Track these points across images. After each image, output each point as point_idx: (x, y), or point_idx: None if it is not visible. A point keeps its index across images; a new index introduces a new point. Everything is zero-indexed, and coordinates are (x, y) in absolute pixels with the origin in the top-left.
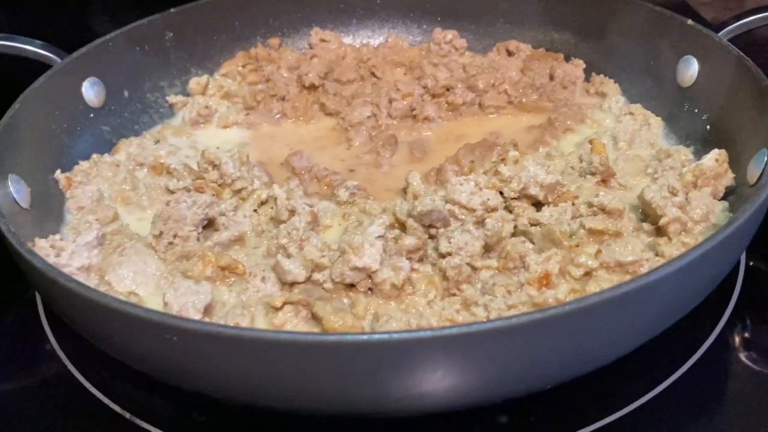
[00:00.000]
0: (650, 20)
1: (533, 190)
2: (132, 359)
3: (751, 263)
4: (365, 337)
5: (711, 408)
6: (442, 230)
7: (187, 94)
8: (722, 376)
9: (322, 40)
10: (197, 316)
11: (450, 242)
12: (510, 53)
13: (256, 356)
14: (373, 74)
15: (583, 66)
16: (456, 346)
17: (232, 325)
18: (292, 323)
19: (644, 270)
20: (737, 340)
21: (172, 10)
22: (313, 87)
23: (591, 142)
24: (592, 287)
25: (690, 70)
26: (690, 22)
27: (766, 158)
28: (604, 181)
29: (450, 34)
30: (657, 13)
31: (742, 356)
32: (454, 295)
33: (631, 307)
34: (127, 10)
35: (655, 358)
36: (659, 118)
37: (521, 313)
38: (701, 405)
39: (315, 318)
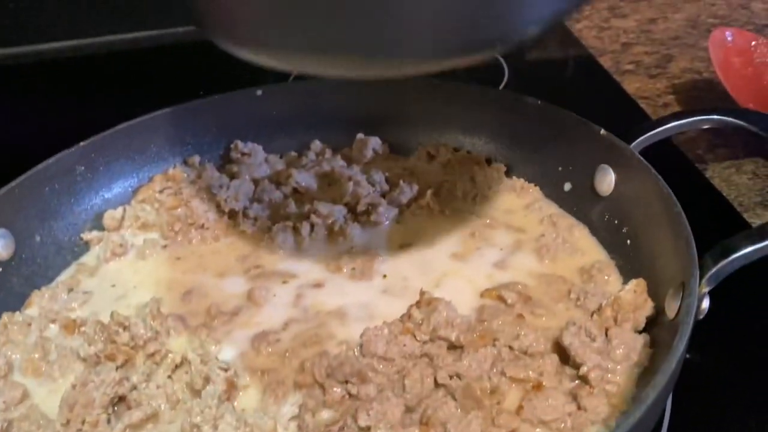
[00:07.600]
0: (564, 125)
1: (444, 332)
2: None
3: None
4: None
5: None
6: (362, 393)
7: (102, 228)
8: None
9: (243, 154)
10: None
11: (369, 414)
12: (431, 156)
13: None
14: (296, 191)
15: (504, 169)
16: None
17: None
18: None
19: (568, 425)
20: None
21: (82, 143)
22: (233, 212)
23: (482, 294)
24: None
25: (607, 179)
26: (603, 132)
27: (682, 292)
28: (521, 316)
29: (372, 141)
30: (571, 118)
31: None
32: None
33: None
34: None
35: None
36: (583, 226)
37: None
38: None
39: None
